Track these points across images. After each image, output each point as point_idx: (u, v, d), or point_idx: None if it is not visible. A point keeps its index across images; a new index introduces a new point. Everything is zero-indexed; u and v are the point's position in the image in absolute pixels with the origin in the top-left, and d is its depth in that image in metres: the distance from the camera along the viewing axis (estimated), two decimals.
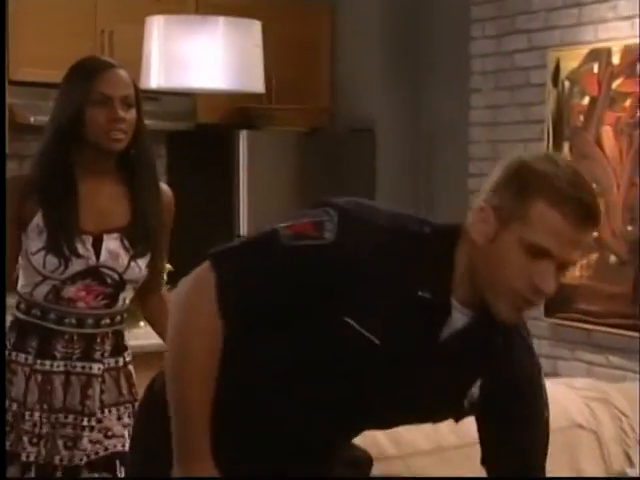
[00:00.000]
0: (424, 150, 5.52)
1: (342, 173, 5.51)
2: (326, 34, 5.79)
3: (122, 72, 2.54)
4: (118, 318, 2.62)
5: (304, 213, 1.75)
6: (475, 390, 1.81)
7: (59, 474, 2.55)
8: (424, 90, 5.59)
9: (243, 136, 5.18)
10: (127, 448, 2.54)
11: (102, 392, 2.60)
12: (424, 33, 5.54)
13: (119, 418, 2.63)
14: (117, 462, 2.60)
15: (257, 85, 3.91)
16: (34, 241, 2.50)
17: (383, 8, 5.55)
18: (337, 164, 5.52)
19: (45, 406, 2.55)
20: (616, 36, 4.22)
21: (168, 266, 3.34)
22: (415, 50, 5.56)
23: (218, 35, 3.78)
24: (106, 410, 2.61)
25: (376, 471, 2.55)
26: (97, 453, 2.59)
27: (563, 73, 4.39)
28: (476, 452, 2.51)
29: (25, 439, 2.54)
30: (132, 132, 2.52)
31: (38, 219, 2.50)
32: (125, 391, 2.65)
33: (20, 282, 2.59)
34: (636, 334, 4.16)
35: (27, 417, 2.55)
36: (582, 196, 1.66)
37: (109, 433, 2.61)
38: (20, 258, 2.56)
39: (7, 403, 2.54)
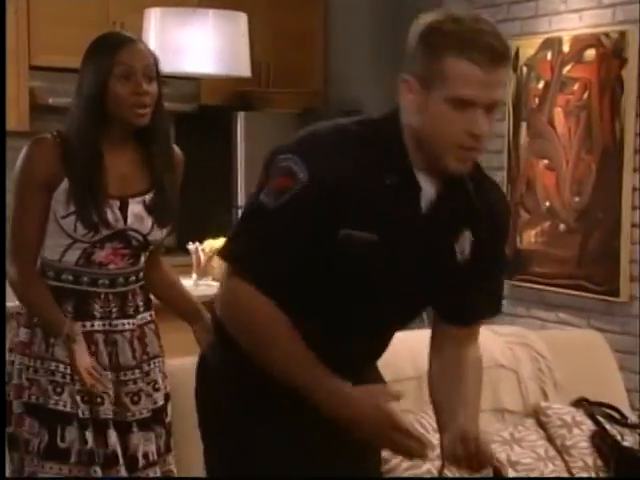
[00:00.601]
0: None
1: None
2: (319, 23, 6.16)
3: (142, 45, 2.54)
4: (141, 275, 2.64)
5: (271, 173, 1.81)
6: (465, 242, 1.91)
7: (111, 431, 2.52)
8: None
9: (241, 117, 5.59)
10: (164, 402, 2.63)
11: (146, 345, 2.61)
12: (408, 22, 5.89)
13: (160, 370, 2.64)
14: (163, 416, 2.63)
15: (244, 70, 4.30)
16: (62, 205, 2.47)
17: None
18: None
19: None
20: (566, 27, 4.57)
21: None
22: (400, 38, 5.91)
23: (208, 26, 4.17)
24: (152, 363, 2.62)
25: None
26: (151, 407, 2.59)
27: (522, 60, 4.73)
28: (409, 387, 2.85)
29: (78, 398, 2.50)
30: (154, 105, 2.51)
31: (65, 184, 2.47)
32: (160, 342, 2.67)
33: (48, 245, 2.54)
34: (581, 293, 4.51)
35: (76, 377, 2.50)
36: (485, 39, 1.72)
37: (156, 386, 2.62)
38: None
39: (53, 365, 2.52)
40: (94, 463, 2.49)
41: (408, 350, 2.95)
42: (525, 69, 4.75)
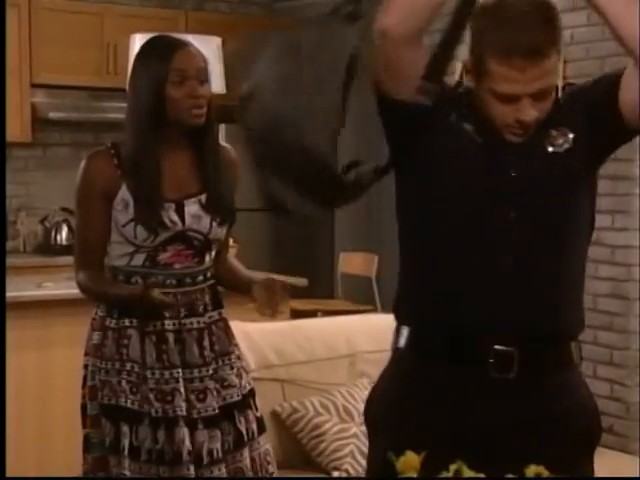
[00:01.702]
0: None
1: None
2: None
3: (193, 49, 2.50)
4: (209, 273, 2.60)
5: None
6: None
7: (180, 429, 2.48)
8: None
9: (222, 129, 5.96)
10: (241, 397, 2.59)
11: (213, 343, 2.57)
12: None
13: (232, 367, 2.59)
14: (235, 412, 2.57)
15: (219, 86, 4.68)
16: (122, 214, 2.48)
17: None
18: None
19: (166, 364, 2.50)
20: None
21: None
22: None
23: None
24: (220, 360, 2.58)
25: (262, 375, 2.99)
26: (218, 404, 2.54)
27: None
28: (343, 363, 3.20)
29: (151, 396, 2.48)
30: (207, 106, 2.48)
31: (123, 193, 2.47)
32: (231, 340, 2.62)
33: (113, 255, 2.54)
34: None
35: (149, 375, 2.49)
36: (524, 37, 1.71)
37: (225, 383, 2.57)
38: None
39: (128, 365, 2.50)
40: (163, 462, 2.47)
41: (342, 332, 3.34)
42: None
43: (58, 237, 5.82)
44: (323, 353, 3.22)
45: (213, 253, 2.60)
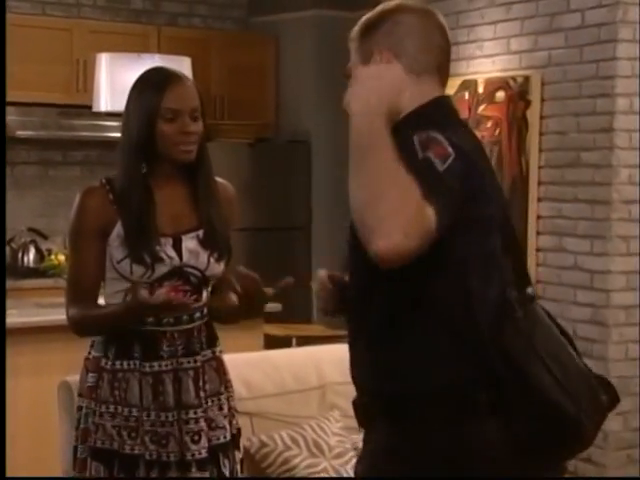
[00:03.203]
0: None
1: (283, 178, 6.36)
2: (271, 59, 6.67)
3: (189, 84, 2.53)
4: (205, 311, 2.62)
5: (423, 145, 1.78)
6: None
7: (173, 473, 2.51)
8: None
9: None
10: (228, 439, 2.60)
11: (205, 382, 2.58)
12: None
13: (220, 408, 2.60)
14: (220, 455, 2.58)
15: None
16: (117, 250, 2.49)
17: (320, 40, 6.45)
18: (278, 171, 6.37)
19: (162, 406, 2.52)
20: (481, 70, 5.05)
21: None
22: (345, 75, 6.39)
23: None
24: (209, 400, 2.58)
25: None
26: (204, 446, 2.55)
27: None
28: (313, 395, 3.23)
29: (147, 439, 2.50)
30: (198, 142, 2.53)
31: (119, 229, 2.49)
32: (222, 380, 2.64)
33: (108, 292, 2.56)
34: None
35: (145, 418, 2.50)
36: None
37: (212, 424, 2.57)
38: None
39: (126, 411, 2.52)
40: None
41: (312, 362, 3.36)
42: None
43: (25, 259, 5.80)
44: (293, 385, 3.24)
45: (209, 290, 2.62)
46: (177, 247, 2.53)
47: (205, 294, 2.61)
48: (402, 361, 1.87)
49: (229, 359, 2.75)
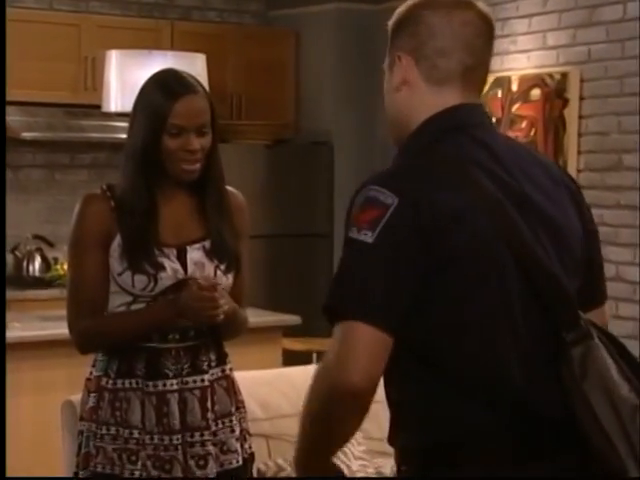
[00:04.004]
0: (378, 161, 6.27)
1: (303, 182, 6.33)
2: (291, 57, 6.64)
3: (197, 98, 2.52)
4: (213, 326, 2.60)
5: (357, 209, 1.75)
6: None
7: None
8: (377, 108, 6.38)
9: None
10: (240, 463, 2.59)
11: (215, 403, 2.56)
12: (378, 57, 6.34)
13: (231, 430, 2.58)
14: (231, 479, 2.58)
15: None
16: (117, 261, 2.50)
17: (343, 35, 6.41)
18: (298, 174, 6.34)
19: (166, 428, 2.50)
20: (515, 66, 5.00)
21: None
22: (370, 72, 6.36)
23: (167, 66, 4.58)
24: (219, 422, 2.56)
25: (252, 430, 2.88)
26: (216, 470, 2.54)
27: None
28: None
29: (149, 463, 2.49)
30: (206, 156, 2.53)
31: (119, 238, 2.50)
32: (233, 400, 2.62)
33: (110, 307, 2.54)
34: None
35: (148, 441, 2.49)
36: None
37: (224, 447, 2.56)
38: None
39: (127, 432, 2.50)
40: None
41: None
42: None
43: (30, 268, 5.80)
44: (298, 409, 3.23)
45: None
46: (181, 258, 2.53)
47: None
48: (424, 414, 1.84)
49: (243, 377, 2.73)
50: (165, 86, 2.52)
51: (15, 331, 4.03)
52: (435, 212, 1.72)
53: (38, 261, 5.83)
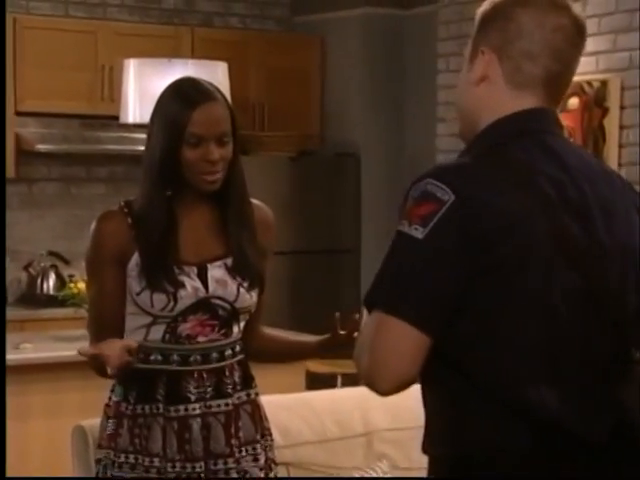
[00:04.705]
0: (407, 173, 6.24)
1: (329, 195, 6.31)
2: (316, 65, 6.65)
3: (217, 106, 2.51)
4: (238, 347, 2.59)
5: (412, 202, 1.75)
6: None
7: None
8: (406, 118, 6.37)
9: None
10: None
11: (238, 429, 2.54)
12: (407, 64, 6.34)
13: (255, 459, 2.57)
14: None
15: None
16: (136, 280, 2.49)
17: (370, 41, 6.41)
18: (324, 187, 6.32)
19: (189, 455, 2.49)
20: None
21: None
22: (398, 80, 6.35)
23: (187, 75, 4.57)
24: (243, 450, 2.54)
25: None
26: None
27: None
28: (358, 444, 3.18)
29: None
30: (227, 167, 2.52)
31: (137, 256, 2.50)
32: (259, 427, 2.60)
33: (128, 328, 2.54)
34: None
35: (169, 469, 2.48)
36: None
37: (247, 475, 2.55)
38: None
39: (147, 461, 2.49)
40: None
41: (357, 406, 3.28)
42: None
43: (45, 286, 5.82)
44: (335, 431, 3.17)
45: (242, 324, 2.60)
46: (202, 276, 2.52)
47: (237, 329, 2.59)
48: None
49: (263, 401, 2.70)
50: (183, 94, 2.52)
51: (26, 352, 4.03)
52: (490, 216, 1.71)
53: (53, 279, 5.85)
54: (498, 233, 1.71)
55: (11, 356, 3.90)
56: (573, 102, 4.81)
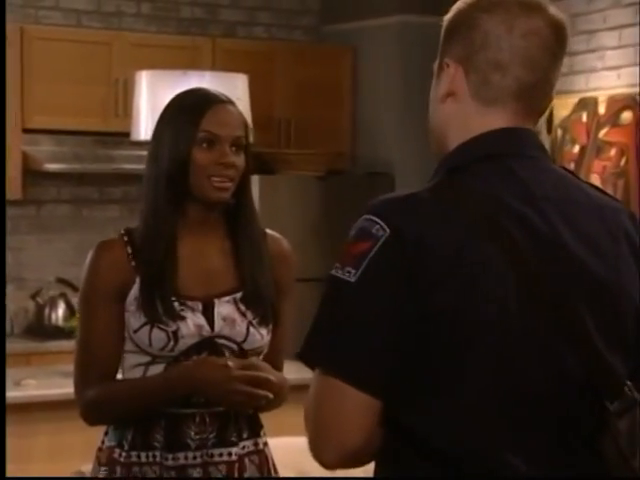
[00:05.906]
0: None
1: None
2: (347, 77, 6.61)
3: (233, 109, 2.48)
4: None
5: (348, 242, 1.69)
6: None
7: None
8: None
9: (255, 181, 5.95)
10: None
11: None
12: None
13: None
14: None
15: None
16: (134, 316, 2.44)
17: (405, 51, 6.35)
18: (355, 209, 6.23)
19: None
20: (603, 86, 4.89)
21: None
22: None
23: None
24: None
25: None
26: None
27: (556, 121, 5.07)
28: None
29: None
30: (239, 179, 2.46)
31: (136, 290, 2.45)
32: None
33: (125, 366, 2.50)
34: None
35: None
36: None
37: None
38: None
39: None
40: None
41: None
42: (560, 131, 5.07)
43: (53, 316, 5.78)
44: (355, 472, 3.15)
45: None
46: (208, 313, 2.46)
47: None
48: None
49: (275, 444, 2.63)
50: (192, 99, 2.50)
51: (30, 389, 3.99)
52: (430, 252, 1.60)
53: (62, 308, 5.81)
54: (440, 272, 1.60)
55: (12, 393, 3.85)
56: (626, 116, 4.76)
